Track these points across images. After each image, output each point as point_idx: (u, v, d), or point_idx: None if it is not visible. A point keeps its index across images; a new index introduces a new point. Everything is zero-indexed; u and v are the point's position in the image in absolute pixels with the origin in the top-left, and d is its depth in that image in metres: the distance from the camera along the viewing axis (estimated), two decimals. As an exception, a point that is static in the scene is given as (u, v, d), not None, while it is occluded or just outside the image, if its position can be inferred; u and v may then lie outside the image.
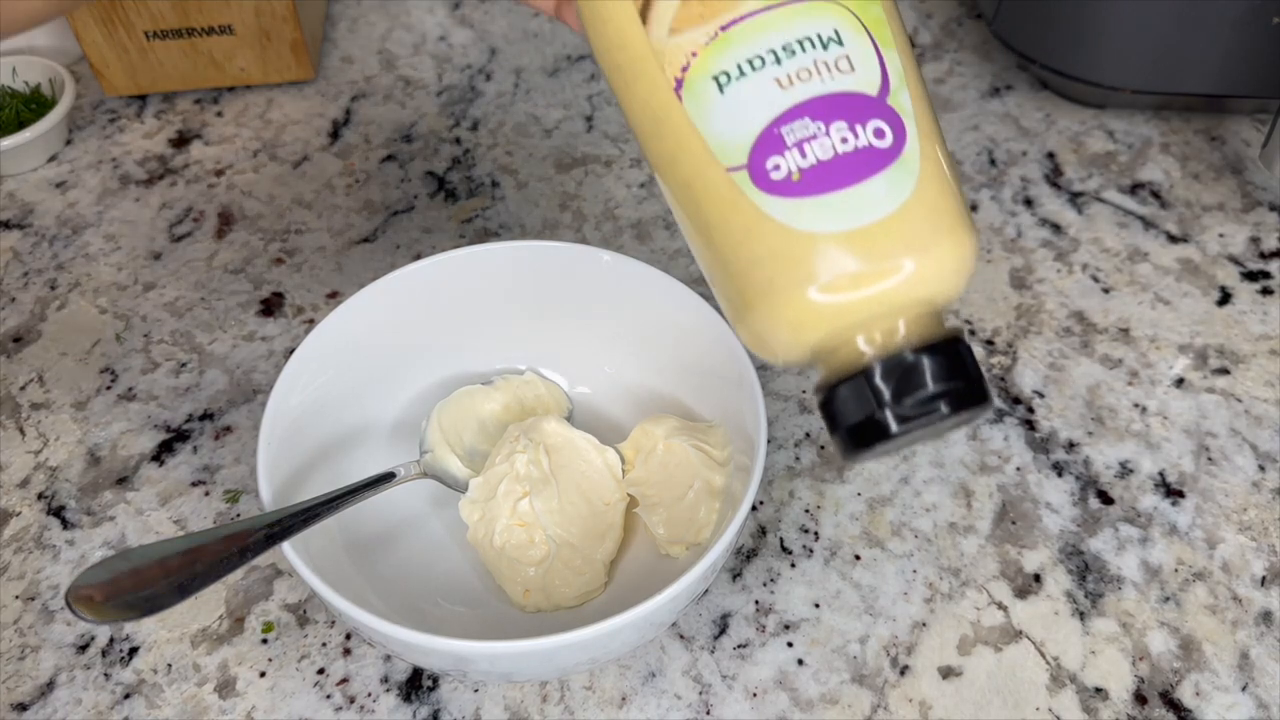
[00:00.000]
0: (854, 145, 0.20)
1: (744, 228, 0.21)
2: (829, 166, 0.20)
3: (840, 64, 0.21)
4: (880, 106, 0.21)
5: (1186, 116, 0.46)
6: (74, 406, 0.37)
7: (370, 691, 0.30)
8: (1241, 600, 0.31)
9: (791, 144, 0.21)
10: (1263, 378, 0.37)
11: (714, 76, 0.21)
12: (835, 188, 0.20)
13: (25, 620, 0.31)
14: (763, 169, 0.21)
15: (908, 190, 0.21)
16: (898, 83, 0.21)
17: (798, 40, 0.21)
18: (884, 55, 0.21)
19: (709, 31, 0.21)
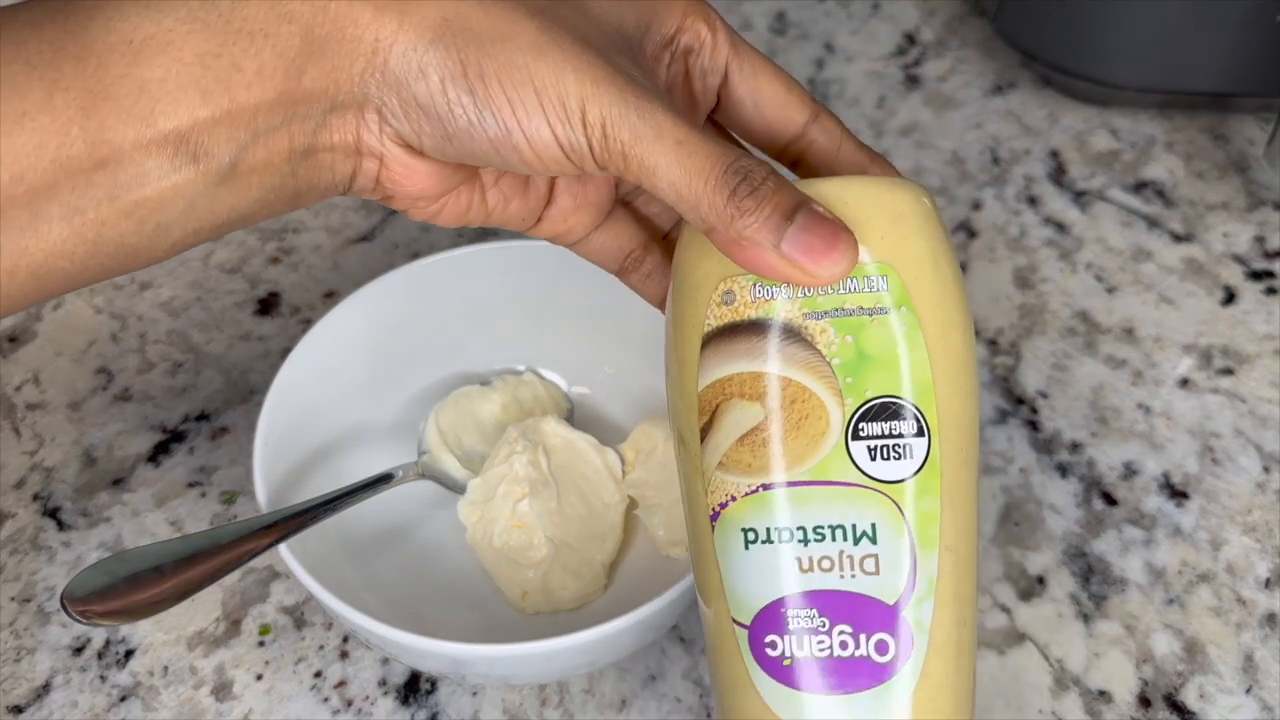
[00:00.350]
0: (851, 653, 0.20)
1: (734, 680, 0.21)
2: (821, 666, 0.20)
3: (865, 563, 0.20)
4: (893, 617, 0.20)
5: (1191, 115, 0.46)
6: (69, 407, 0.37)
7: (368, 694, 0.30)
8: (1246, 602, 0.31)
9: (793, 629, 0.20)
10: (1267, 378, 0.37)
11: (743, 529, 0.21)
12: (821, 690, 0.20)
13: (21, 622, 0.31)
14: (761, 640, 0.20)
15: (890, 716, 0.20)
16: (924, 590, 0.20)
17: (830, 526, 0.20)
18: (919, 560, 0.20)
19: (750, 484, 0.20)
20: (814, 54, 0.49)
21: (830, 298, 0.20)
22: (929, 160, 0.44)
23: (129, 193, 0.19)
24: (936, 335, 0.20)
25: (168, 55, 0.19)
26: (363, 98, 0.20)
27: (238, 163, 0.20)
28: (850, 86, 0.48)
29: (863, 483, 0.20)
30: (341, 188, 0.22)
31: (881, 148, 0.45)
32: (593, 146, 0.20)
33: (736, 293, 0.21)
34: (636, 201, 0.26)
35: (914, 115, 0.46)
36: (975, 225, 0.42)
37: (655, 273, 0.26)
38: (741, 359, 0.20)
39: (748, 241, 0.19)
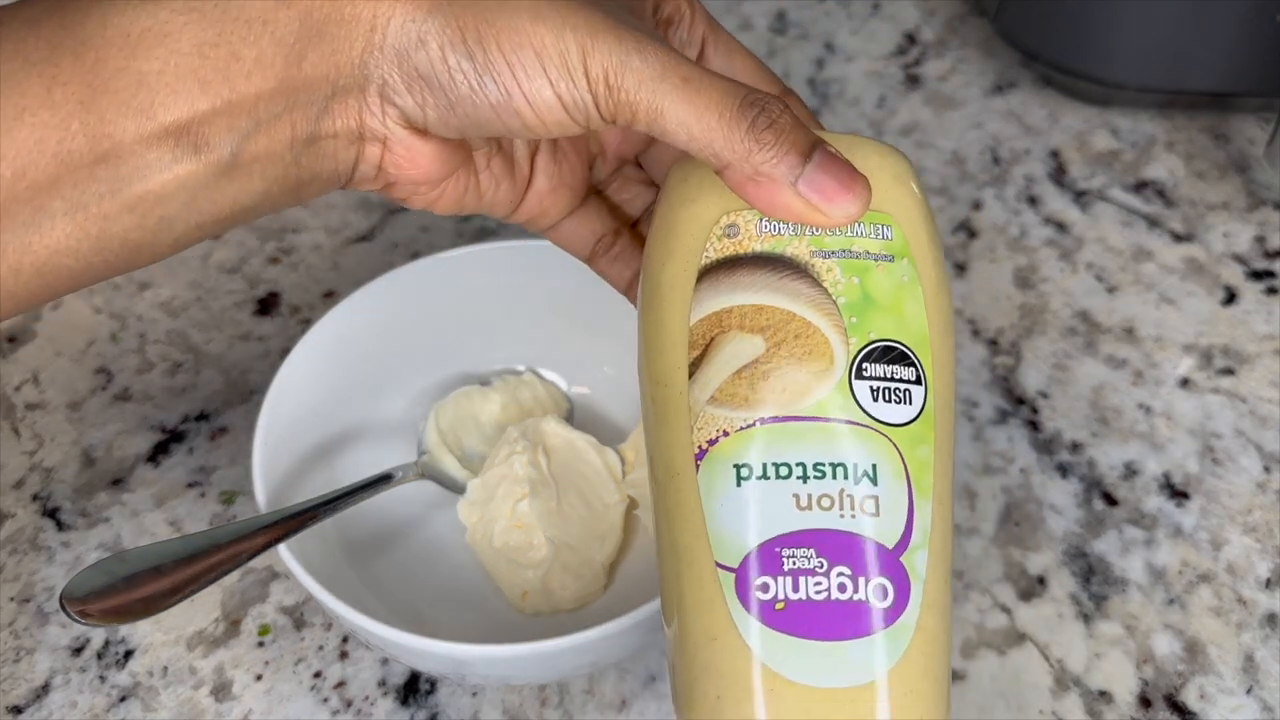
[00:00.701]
0: (850, 596, 0.19)
1: (711, 631, 0.19)
2: (817, 610, 0.19)
3: (866, 504, 0.19)
4: (892, 563, 0.19)
5: (1191, 114, 0.46)
6: (69, 407, 0.37)
7: (368, 695, 0.30)
8: (1246, 602, 0.31)
9: (788, 570, 0.19)
10: (1268, 378, 0.37)
11: (736, 465, 0.20)
12: (815, 635, 0.19)
13: (20, 622, 0.31)
14: (750, 583, 0.19)
15: (887, 666, 0.19)
16: (920, 539, 0.20)
17: (832, 463, 0.19)
18: (916, 507, 0.20)
19: (747, 418, 0.20)
20: (814, 54, 0.49)
21: (838, 239, 0.20)
22: (929, 160, 0.44)
23: (131, 186, 0.19)
24: (931, 291, 0.21)
25: (165, 47, 0.19)
26: (364, 79, 0.20)
27: (240, 153, 0.20)
28: (850, 86, 0.48)
29: (865, 422, 0.20)
30: (344, 178, 0.22)
31: (882, 147, 0.45)
32: (597, 100, 0.20)
33: (741, 226, 0.20)
34: (609, 189, 0.26)
35: (914, 115, 0.46)
36: (975, 225, 0.42)
37: (623, 256, 0.26)
38: (744, 291, 0.20)
39: (764, 178, 0.19)
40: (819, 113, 0.46)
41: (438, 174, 0.22)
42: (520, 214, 0.25)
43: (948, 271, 0.22)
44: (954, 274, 0.40)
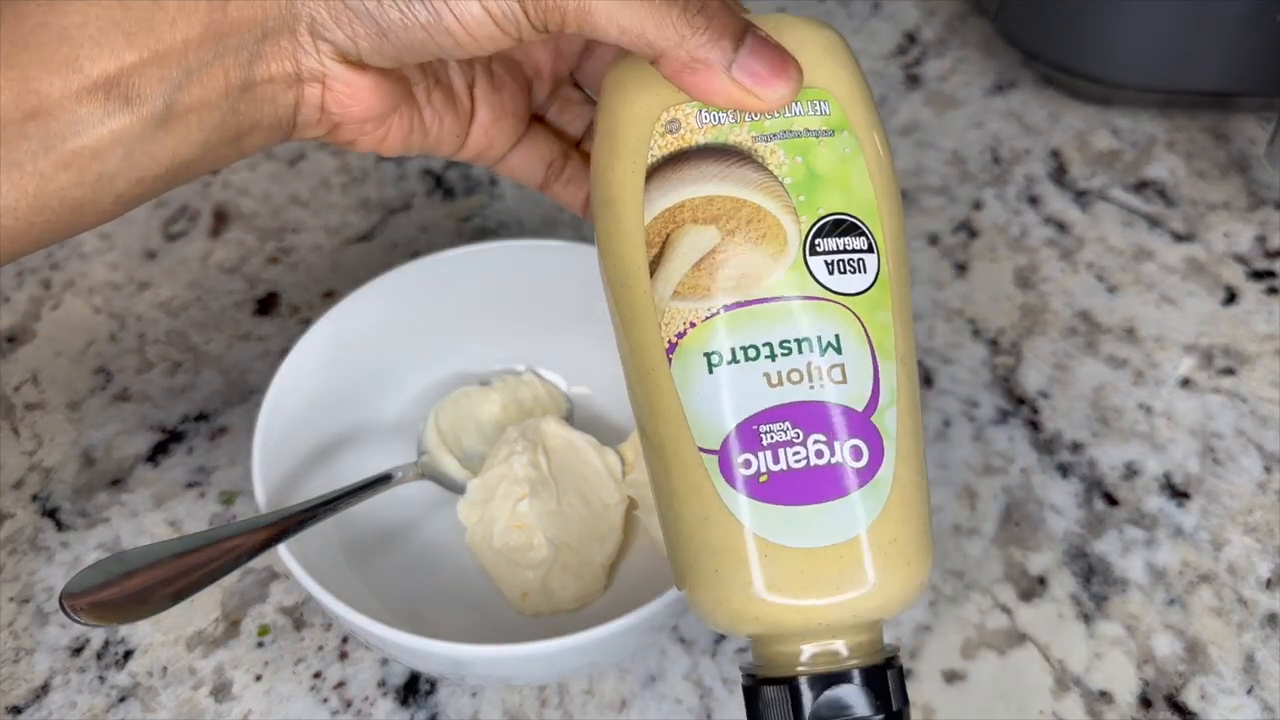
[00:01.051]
0: (828, 460, 0.20)
1: (703, 512, 0.21)
2: (798, 477, 0.20)
3: (833, 373, 0.20)
4: (863, 424, 0.20)
5: (1192, 114, 0.45)
6: (68, 407, 0.37)
7: (367, 695, 0.30)
8: (1247, 603, 0.31)
9: (767, 444, 0.20)
10: (1268, 378, 0.37)
11: (706, 354, 0.20)
12: (799, 501, 0.20)
13: (20, 623, 0.31)
14: (733, 462, 0.20)
15: (868, 520, 0.20)
16: (888, 399, 0.20)
17: (796, 339, 0.20)
18: (880, 368, 0.20)
19: (711, 307, 0.20)
20: (814, 53, 0.49)
21: (777, 121, 0.21)
22: (930, 160, 0.44)
23: (64, 142, 0.19)
24: (873, 159, 0.21)
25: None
26: (292, 18, 0.20)
27: (173, 104, 0.20)
28: (851, 86, 0.47)
29: (824, 296, 0.20)
30: (286, 124, 0.22)
31: (882, 147, 0.45)
32: (526, 9, 0.20)
33: (681, 121, 0.21)
34: (550, 113, 0.26)
35: (915, 115, 0.46)
36: (976, 225, 0.42)
37: (575, 178, 0.26)
38: (692, 184, 0.21)
39: (700, 64, 0.20)
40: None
41: (380, 108, 0.22)
42: (468, 149, 0.25)
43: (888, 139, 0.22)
44: (954, 274, 0.40)
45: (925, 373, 0.37)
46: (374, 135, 0.23)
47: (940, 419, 0.36)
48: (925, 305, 0.39)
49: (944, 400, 0.36)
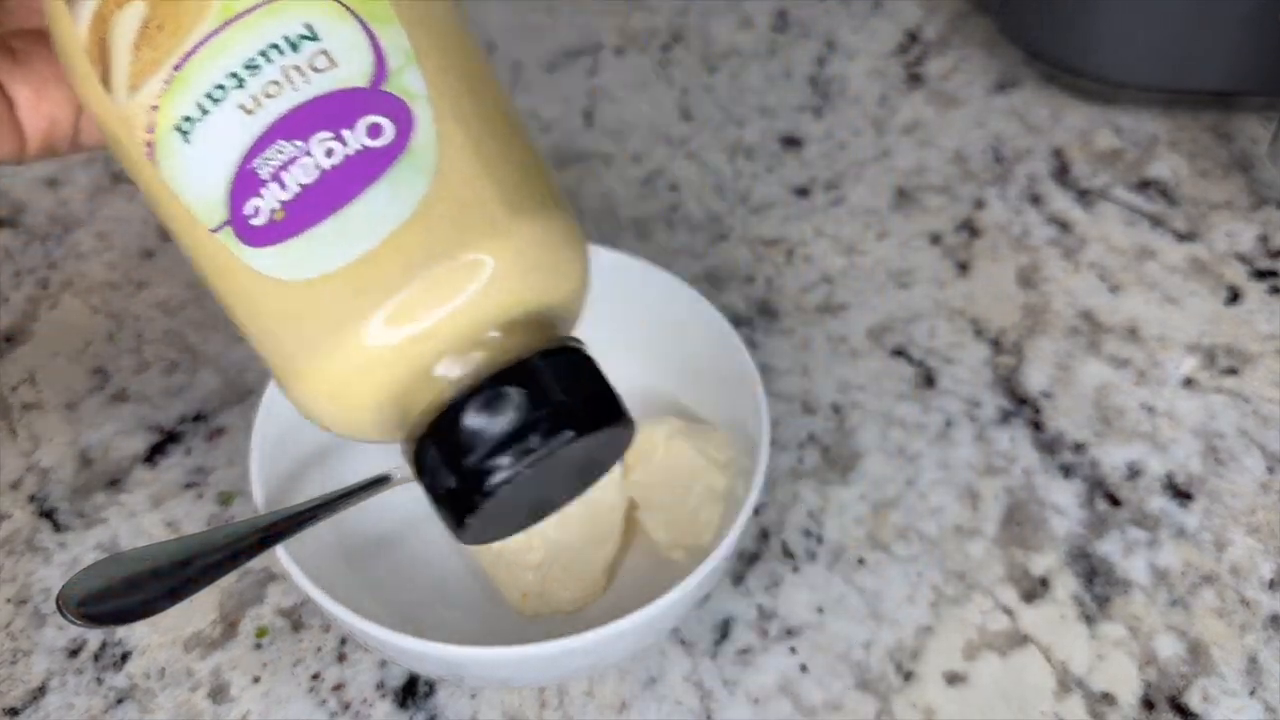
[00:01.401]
0: (342, 155, 0.17)
1: (244, 294, 0.18)
2: (315, 190, 0.17)
3: (317, 62, 0.17)
4: (374, 97, 0.17)
5: (1195, 113, 0.45)
6: (65, 407, 0.36)
7: (365, 697, 0.30)
8: (1250, 603, 0.31)
9: (268, 177, 0.17)
10: (1271, 378, 0.37)
11: (176, 126, 0.18)
12: (326, 213, 0.17)
13: (16, 624, 0.31)
14: (243, 218, 0.17)
15: (420, 189, 0.17)
16: (401, 61, 0.17)
17: (260, 52, 0.17)
18: (377, 34, 0.17)
19: (164, 77, 0.18)
20: (815, 52, 0.49)
21: None
22: (931, 159, 0.44)
23: None
24: None
25: None
26: None
27: None
28: (852, 84, 0.47)
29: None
30: None
31: (883, 146, 0.45)
32: None
33: None
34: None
35: (916, 113, 0.46)
36: (978, 224, 0.42)
37: None
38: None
39: None
40: (820, 111, 0.46)
41: None
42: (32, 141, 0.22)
43: None
44: (956, 273, 0.40)
45: (926, 372, 0.37)
46: None
47: (942, 419, 0.36)
48: (926, 305, 0.39)
49: (945, 400, 0.36)
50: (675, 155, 0.44)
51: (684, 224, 0.42)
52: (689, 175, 0.44)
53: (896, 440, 0.35)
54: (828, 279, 0.40)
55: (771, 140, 0.45)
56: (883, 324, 0.38)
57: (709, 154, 0.44)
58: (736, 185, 0.43)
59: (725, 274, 0.40)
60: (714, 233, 0.41)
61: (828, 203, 0.42)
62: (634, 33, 0.50)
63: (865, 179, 0.43)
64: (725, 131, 0.45)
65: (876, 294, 0.39)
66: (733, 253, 0.41)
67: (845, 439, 0.35)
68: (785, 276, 0.40)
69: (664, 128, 0.45)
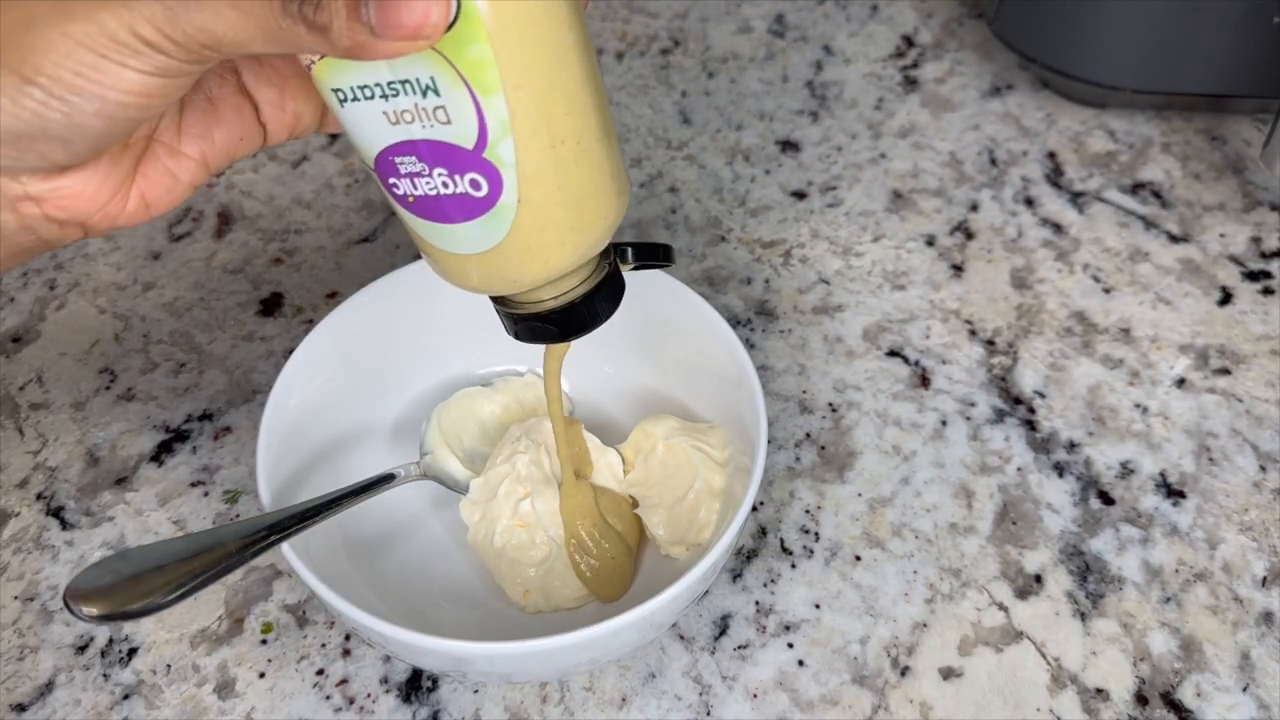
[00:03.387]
0: (453, 191, 0.22)
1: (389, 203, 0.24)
2: (434, 202, 0.22)
3: (438, 114, 0.21)
4: (476, 160, 0.21)
5: (1187, 116, 0.46)
6: (73, 407, 0.37)
7: (370, 692, 0.30)
8: (1242, 601, 0.31)
9: (405, 173, 0.22)
10: (1263, 378, 0.37)
11: (333, 89, 0.22)
12: (439, 221, 0.23)
13: (24, 621, 0.31)
14: (387, 182, 0.23)
15: (500, 235, 0.23)
16: (498, 133, 0.21)
17: (400, 81, 0.21)
18: (483, 105, 0.21)
19: None
20: (813, 56, 0.49)
21: None
22: (927, 162, 0.44)
23: None
24: None
25: None
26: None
27: None
28: (849, 89, 0.48)
29: None
30: (28, 239, 0.22)
31: (880, 149, 0.45)
32: (170, 53, 0.20)
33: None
34: None
35: (912, 117, 0.46)
36: (973, 226, 0.42)
37: None
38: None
39: (356, 46, 0.19)
40: (817, 115, 0.47)
41: (106, 190, 0.23)
42: (275, 134, 0.26)
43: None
44: (951, 275, 0.40)
45: (922, 372, 0.37)
46: (134, 206, 0.23)
47: (937, 418, 0.36)
48: (922, 306, 0.39)
49: (941, 400, 0.36)
50: (674, 158, 0.45)
51: (683, 226, 0.42)
52: (688, 178, 0.44)
53: (892, 439, 0.35)
54: (824, 280, 0.40)
55: (769, 144, 0.45)
56: (879, 324, 0.39)
57: (708, 157, 0.45)
58: (735, 188, 0.44)
59: (724, 275, 0.40)
60: (713, 234, 0.42)
61: (824, 205, 0.43)
62: (634, 37, 0.50)
63: (861, 182, 0.44)
64: (724, 135, 0.46)
65: (872, 295, 0.40)
66: (731, 254, 0.41)
67: (842, 438, 0.35)
68: (783, 278, 0.40)
69: (663, 131, 0.46)
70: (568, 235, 0.23)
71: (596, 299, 0.25)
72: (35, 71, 0.20)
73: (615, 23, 0.51)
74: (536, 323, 0.25)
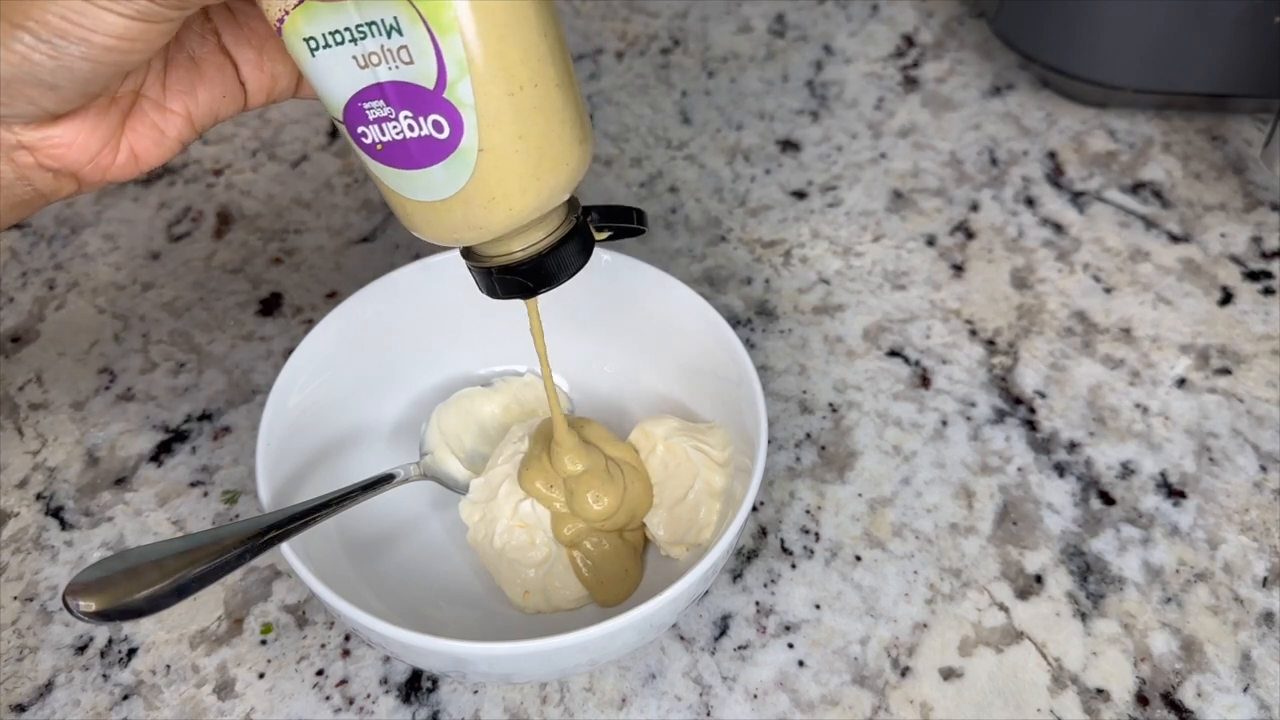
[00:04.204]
0: (419, 133, 0.22)
1: (356, 154, 0.24)
2: (401, 147, 0.23)
3: (402, 54, 0.22)
4: (437, 100, 0.22)
5: (1188, 116, 0.46)
6: (72, 407, 0.37)
7: (369, 693, 0.30)
8: (1243, 601, 0.31)
9: (372, 120, 0.23)
10: (1264, 378, 0.37)
11: (305, 39, 0.23)
12: (407, 167, 0.23)
13: (24, 621, 0.31)
14: (356, 132, 0.23)
15: (463, 180, 0.23)
16: (456, 74, 0.22)
17: (367, 23, 0.22)
18: (440, 44, 0.21)
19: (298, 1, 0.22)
20: (813, 56, 0.49)
21: None
22: (927, 162, 0.44)
23: None
24: None
25: None
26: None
27: None
28: (849, 88, 0.48)
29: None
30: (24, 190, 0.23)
31: (880, 149, 0.45)
32: None
33: None
34: None
35: (912, 117, 0.46)
36: (973, 226, 0.42)
37: None
38: None
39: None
40: (817, 115, 0.47)
41: (98, 140, 0.24)
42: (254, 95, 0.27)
43: None
44: (951, 275, 0.40)
45: (922, 372, 0.37)
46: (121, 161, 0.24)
47: (938, 418, 0.36)
48: (922, 306, 0.39)
49: (941, 400, 0.36)
50: (675, 158, 0.45)
51: (683, 226, 0.42)
52: (688, 178, 0.44)
53: (893, 439, 0.35)
54: (825, 280, 0.40)
55: (769, 143, 0.45)
56: (879, 324, 0.39)
57: (708, 157, 0.45)
58: (735, 188, 0.44)
59: (724, 275, 0.40)
60: (713, 234, 0.42)
61: (825, 205, 0.43)
62: (634, 37, 0.50)
63: (862, 182, 0.44)
64: (724, 135, 0.46)
65: (873, 295, 0.40)
66: (731, 254, 0.41)
67: (842, 438, 0.35)
68: (783, 278, 0.40)
69: (664, 131, 0.46)
70: (529, 182, 0.23)
71: (564, 250, 0.25)
72: (24, 16, 0.21)
73: (615, 23, 0.51)
74: (507, 275, 0.25)
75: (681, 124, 0.46)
